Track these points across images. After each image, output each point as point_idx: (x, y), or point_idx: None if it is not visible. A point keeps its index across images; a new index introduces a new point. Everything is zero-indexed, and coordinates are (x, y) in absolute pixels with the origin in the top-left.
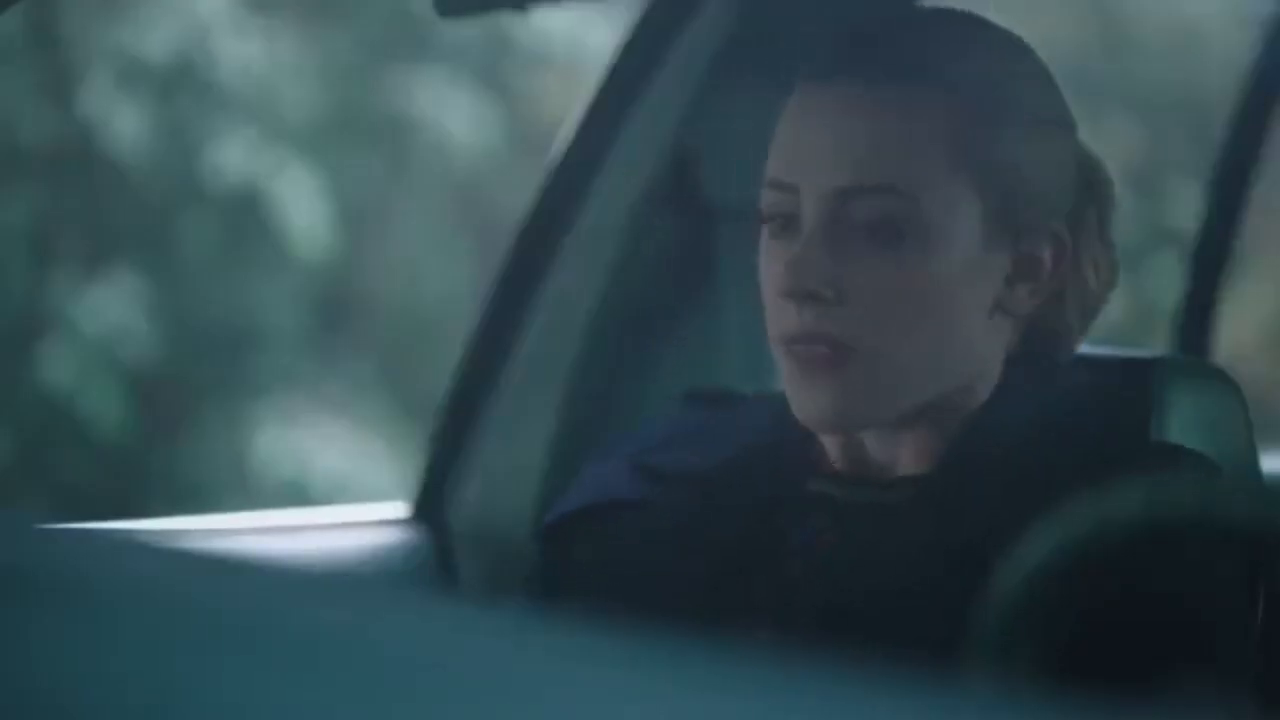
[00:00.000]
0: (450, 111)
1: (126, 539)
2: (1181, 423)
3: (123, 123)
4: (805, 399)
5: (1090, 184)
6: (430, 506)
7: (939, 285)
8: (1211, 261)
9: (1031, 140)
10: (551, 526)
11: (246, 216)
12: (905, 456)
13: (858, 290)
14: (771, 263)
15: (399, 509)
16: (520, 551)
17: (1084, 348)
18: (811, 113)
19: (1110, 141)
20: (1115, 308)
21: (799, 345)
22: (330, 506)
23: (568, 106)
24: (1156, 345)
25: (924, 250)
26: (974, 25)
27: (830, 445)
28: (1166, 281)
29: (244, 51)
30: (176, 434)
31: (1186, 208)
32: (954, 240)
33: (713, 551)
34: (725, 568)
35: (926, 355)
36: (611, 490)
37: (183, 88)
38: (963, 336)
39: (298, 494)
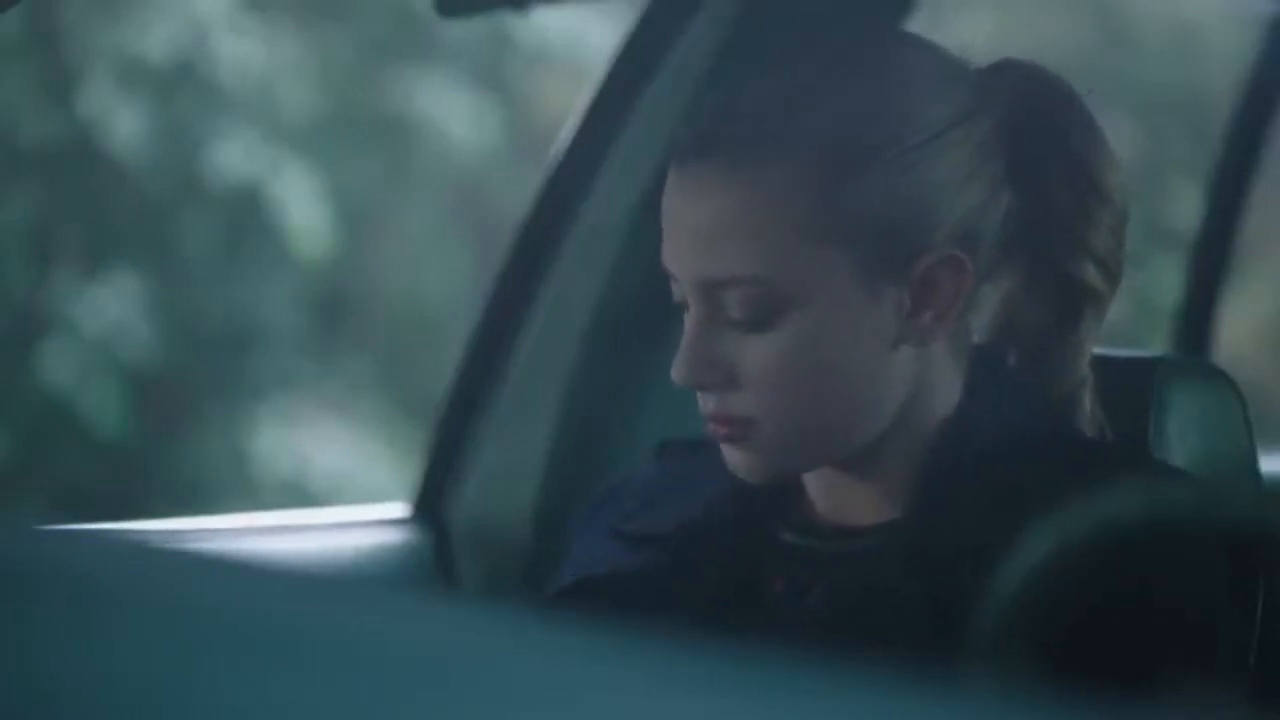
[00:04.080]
0: (450, 111)
1: (126, 539)
2: (1181, 423)
3: (123, 123)
4: (730, 461)
5: (1044, 123)
6: (430, 506)
7: (823, 349)
8: (1211, 261)
9: (905, 172)
10: (545, 602)
11: (246, 216)
12: (879, 495)
13: (745, 374)
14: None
15: (399, 509)
16: (519, 551)
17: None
18: (675, 198)
19: (1110, 141)
20: (1115, 307)
21: (709, 423)
22: (330, 506)
23: (568, 106)
24: (1156, 345)
25: (798, 322)
26: (846, 58)
27: (810, 486)
28: (1166, 281)
29: (244, 51)
30: (176, 434)
31: (1186, 208)
32: (828, 304)
33: (697, 610)
34: (711, 625)
35: (831, 412)
36: (593, 565)
37: (183, 88)
38: (867, 381)
39: (298, 494)
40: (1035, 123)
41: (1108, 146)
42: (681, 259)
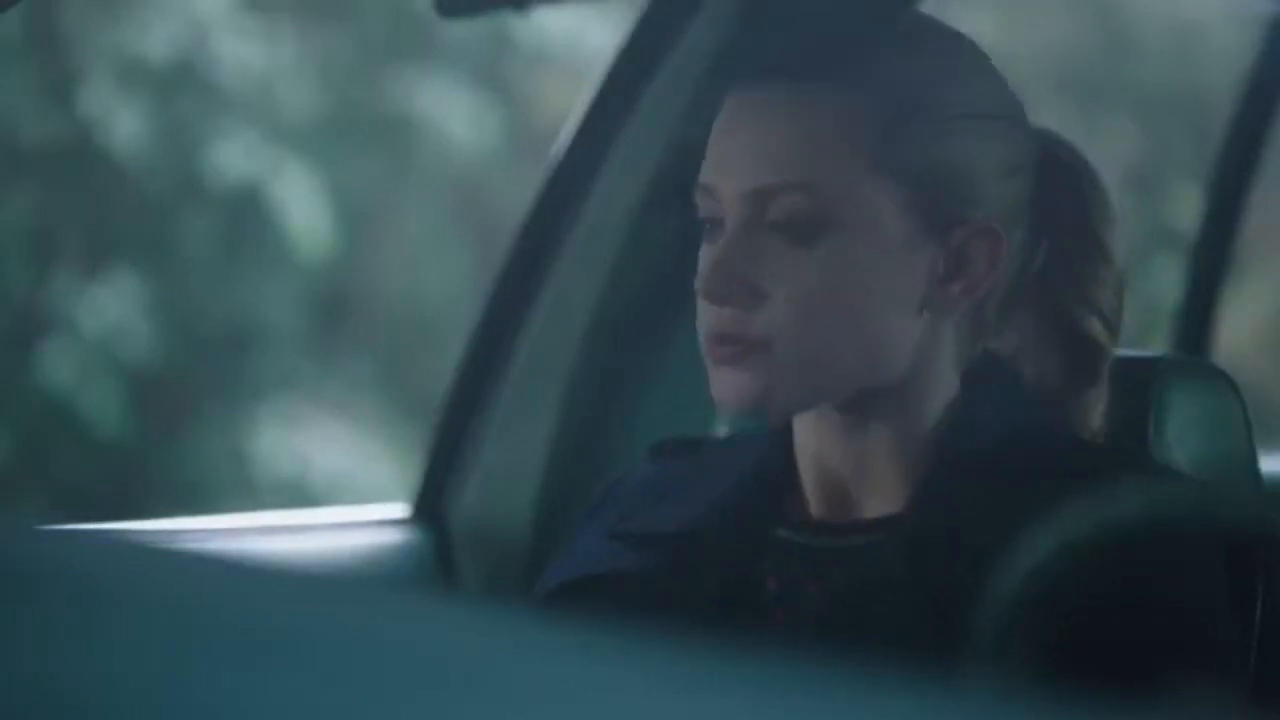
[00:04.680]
0: (450, 111)
1: (126, 539)
2: (1181, 423)
3: (123, 123)
4: (723, 388)
5: (1065, 185)
6: (430, 506)
7: (858, 278)
8: (1211, 261)
9: (957, 135)
10: (544, 596)
11: (246, 216)
12: (877, 491)
13: (775, 289)
14: (700, 265)
15: (399, 509)
16: (519, 551)
17: None
18: (733, 119)
19: (1110, 141)
20: None
21: (721, 346)
22: (330, 506)
23: (568, 106)
24: (1156, 345)
25: (840, 244)
26: (905, 26)
27: (806, 483)
28: (1166, 281)
29: (244, 51)
30: (176, 434)
31: (1186, 208)
32: (872, 234)
33: (694, 610)
34: (709, 625)
35: (847, 347)
36: (589, 565)
37: (183, 88)
38: (887, 330)
39: (298, 494)
40: (1057, 189)
41: (1115, 214)
42: (731, 171)
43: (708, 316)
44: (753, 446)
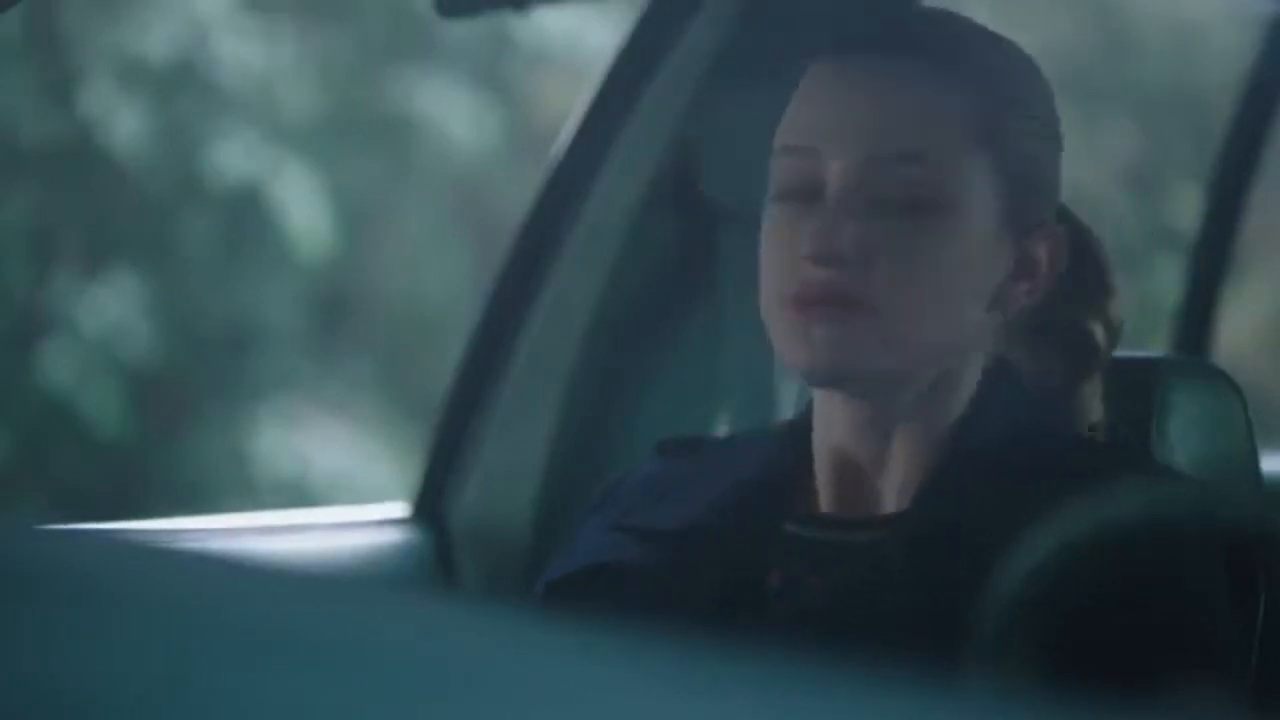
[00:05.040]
0: (450, 111)
1: (126, 539)
2: (1181, 423)
3: (123, 123)
4: (811, 348)
5: (1075, 233)
6: (430, 506)
7: (958, 257)
8: (1211, 261)
9: (1038, 139)
10: (547, 588)
11: (246, 216)
12: (884, 488)
13: (880, 254)
14: (783, 227)
15: (399, 509)
16: (519, 551)
17: None
18: (833, 84)
19: (1110, 141)
20: None
21: (815, 305)
22: (330, 506)
23: (568, 106)
24: (1156, 345)
25: (950, 220)
26: (977, 26)
27: (820, 476)
28: (1166, 281)
29: (244, 51)
30: (176, 434)
31: (1186, 208)
32: (973, 218)
33: (696, 603)
34: (711, 620)
35: (935, 326)
36: (594, 556)
37: (183, 88)
38: (966, 315)
39: (298, 494)
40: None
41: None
42: (833, 135)
43: (805, 276)
44: (754, 447)
